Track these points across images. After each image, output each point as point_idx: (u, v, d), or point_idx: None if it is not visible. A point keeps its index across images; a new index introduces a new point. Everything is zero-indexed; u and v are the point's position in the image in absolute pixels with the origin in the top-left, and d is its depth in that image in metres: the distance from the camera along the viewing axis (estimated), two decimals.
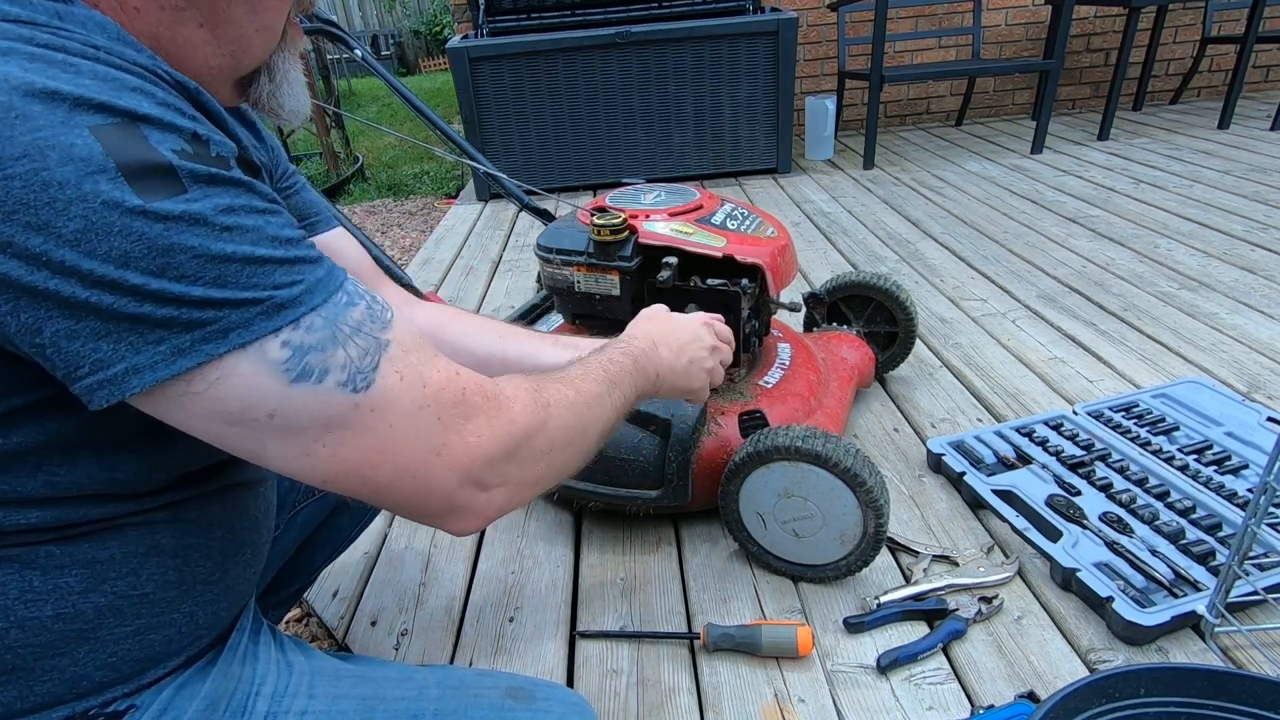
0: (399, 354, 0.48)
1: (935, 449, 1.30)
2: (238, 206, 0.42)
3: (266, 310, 0.42)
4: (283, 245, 0.44)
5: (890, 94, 4.12)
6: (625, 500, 1.14)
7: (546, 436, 0.56)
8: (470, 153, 1.47)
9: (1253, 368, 1.54)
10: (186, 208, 0.39)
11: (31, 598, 0.47)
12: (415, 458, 0.48)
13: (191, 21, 0.47)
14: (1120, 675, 0.71)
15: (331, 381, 0.44)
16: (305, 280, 0.44)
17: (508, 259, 2.59)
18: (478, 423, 0.51)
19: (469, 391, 0.51)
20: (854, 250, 2.40)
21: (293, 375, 0.43)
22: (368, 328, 0.47)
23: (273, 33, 0.52)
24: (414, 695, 0.59)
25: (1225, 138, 3.37)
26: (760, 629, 0.95)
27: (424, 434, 0.48)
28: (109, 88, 0.39)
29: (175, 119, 0.41)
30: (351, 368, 0.45)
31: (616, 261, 1.12)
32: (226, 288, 0.40)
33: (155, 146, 0.39)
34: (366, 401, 0.45)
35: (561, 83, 3.07)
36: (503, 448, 0.52)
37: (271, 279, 0.42)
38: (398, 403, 0.47)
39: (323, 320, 0.44)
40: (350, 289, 0.48)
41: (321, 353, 0.44)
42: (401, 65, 11.03)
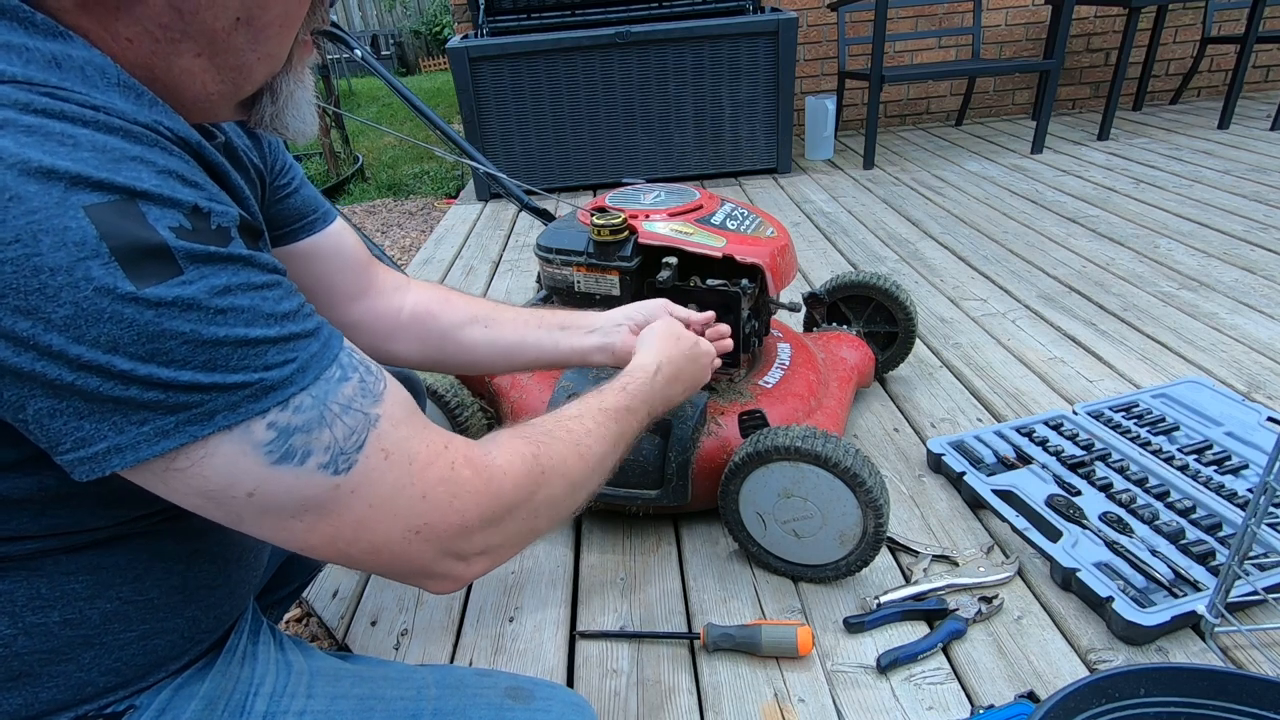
0: (388, 429, 0.47)
1: (935, 449, 1.30)
2: (234, 286, 0.41)
3: (255, 393, 0.42)
4: (278, 322, 0.43)
5: (890, 94, 4.12)
6: (625, 500, 1.14)
7: (533, 507, 0.56)
8: (470, 153, 1.47)
9: (1253, 368, 1.54)
10: (180, 292, 0.39)
11: (39, 604, 0.47)
12: (393, 535, 0.48)
13: (188, 52, 0.45)
14: (1120, 675, 0.71)
15: (313, 464, 0.44)
16: (298, 358, 0.44)
17: (508, 259, 2.59)
18: (463, 499, 0.50)
19: (458, 465, 0.51)
20: (854, 250, 2.40)
21: (275, 457, 0.42)
22: (358, 404, 0.46)
23: (276, 59, 0.50)
24: (413, 695, 0.58)
25: (1225, 138, 3.37)
26: (760, 629, 0.95)
27: (405, 513, 0.48)
28: (107, 160, 0.38)
29: (175, 192, 0.40)
30: (335, 449, 0.45)
31: (616, 261, 1.12)
32: (216, 372, 0.40)
33: (153, 225, 0.38)
34: (347, 483, 0.45)
35: (561, 83, 3.07)
36: (486, 520, 0.52)
37: (263, 360, 0.42)
38: (379, 483, 0.47)
39: (312, 400, 0.44)
40: (345, 360, 0.47)
41: (307, 434, 0.43)
42: (401, 65, 11.02)
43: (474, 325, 0.87)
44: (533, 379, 1.25)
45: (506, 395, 1.26)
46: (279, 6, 0.47)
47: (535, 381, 1.24)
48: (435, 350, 0.87)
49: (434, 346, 0.87)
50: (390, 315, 0.84)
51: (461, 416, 1.22)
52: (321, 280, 0.79)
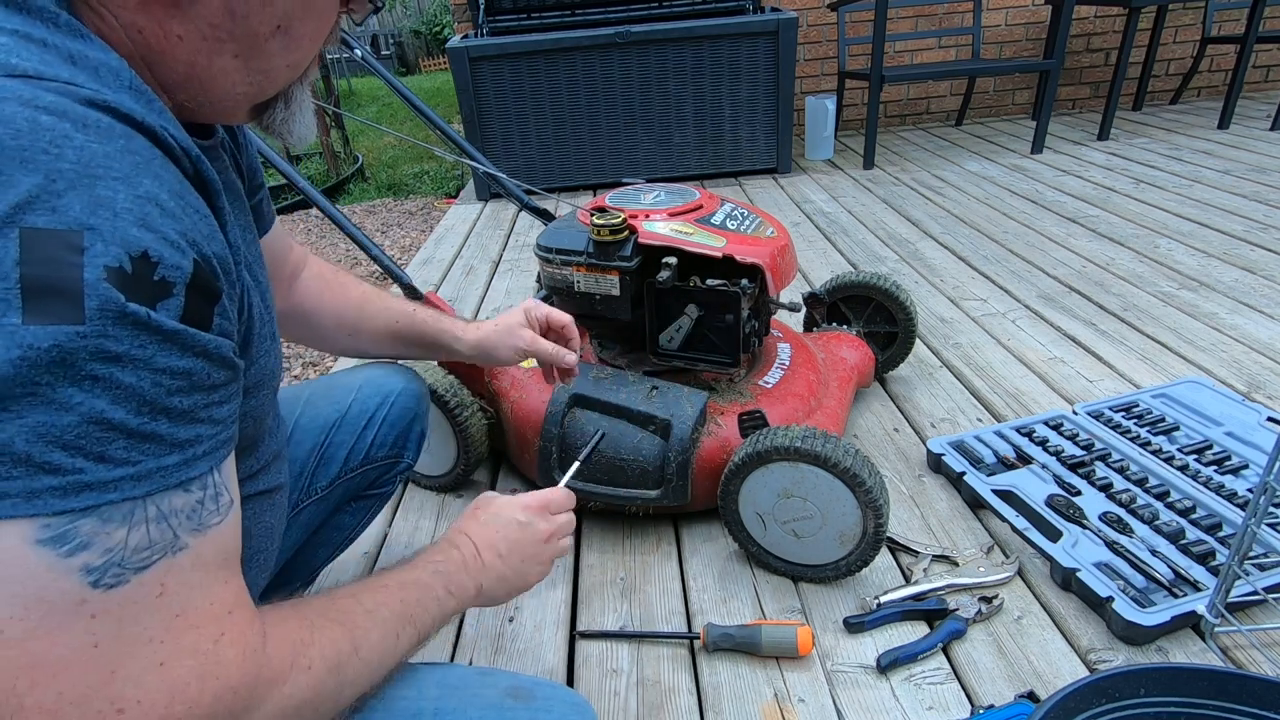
0: (184, 565, 0.40)
1: (935, 449, 1.30)
2: (127, 357, 0.36)
3: (65, 488, 0.35)
4: (150, 415, 0.37)
5: (890, 94, 4.12)
6: (625, 500, 1.14)
7: (281, 710, 0.45)
8: (470, 153, 1.47)
9: (1253, 368, 1.54)
10: (60, 343, 0.34)
11: None
12: (91, 702, 0.37)
13: (228, 52, 0.47)
14: (1120, 675, 0.71)
15: (79, 561, 0.36)
16: (142, 465, 0.37)
17: (508, 259, 2.59)
18: (207, 682, 0.40)
19: (225, 641, 0.42)
20: (854, 250, 2.40)
21: (45, 536, 0.35)
22: (175, 520, 0.39)
23: (299, 68, 0.52)
24: (413, 695, 0.58)
25: (1225, 138, 3.37)
26: (760, 629, 0.95)
27: (123, 676, 0.38)
28: (83, 177, 0.36)
29: (133, 229, 0.36)
30: (115, 557, 0.37)
31: (616, 261, 1.12)
32: (38, 443, 0.34)
33: (84, 262, 0.35)
34: (96, 602, 0.36)
35: (561, 83, 3.07)
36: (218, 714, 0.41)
37: (101, 449, 0.36)
38: (128, 622, 0.38)
39: (122, 511, 0.37)
40: (199, 480, 0.41)
41: (101, 524, 0.36)
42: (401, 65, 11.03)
43: (340, 333, 0.91)
44: (533, 379, 1.25)
45: (506, 395, 1.26)
46: (314, 19, 0.50)
47: (535, 382, 1.24)
48: (311, 340, 0.92)
49: (309, 337, 0.92)
50: (279, 300, 0.86)
51: (461, 416, 1.22)
52: None
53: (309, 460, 0.89)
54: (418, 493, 1.36)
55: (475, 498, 0.75)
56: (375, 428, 0.93)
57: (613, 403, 1.13)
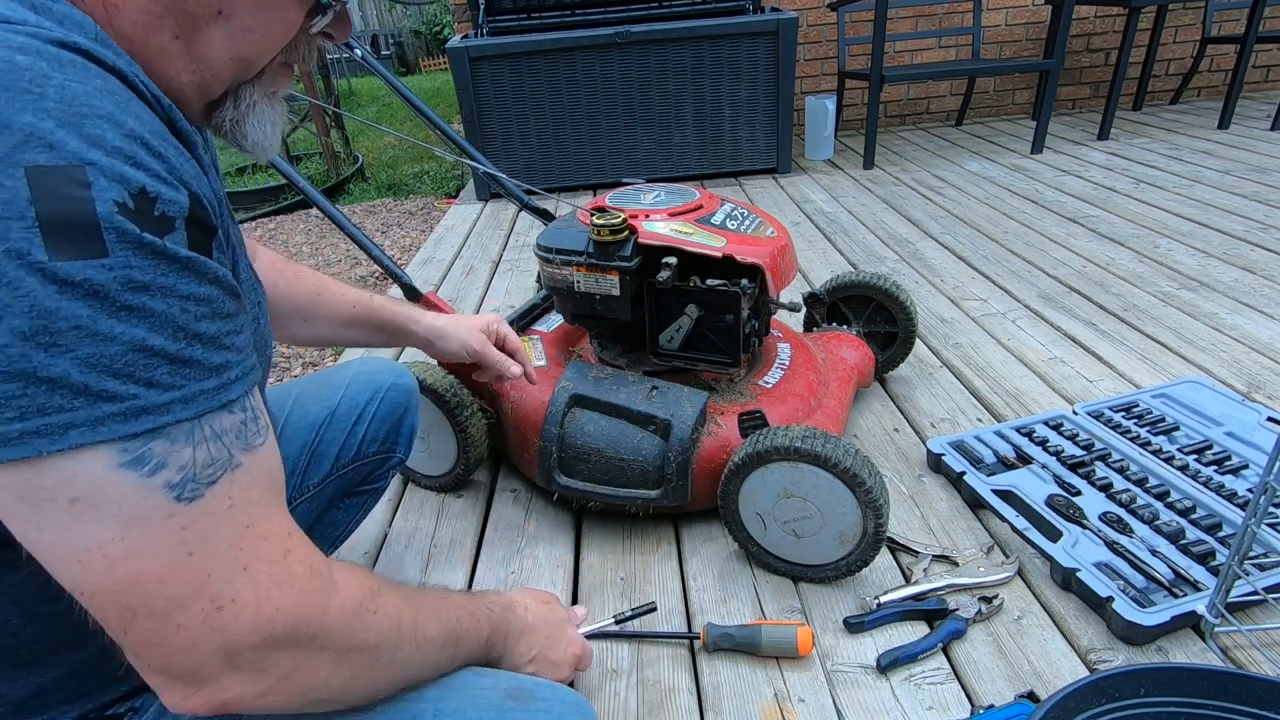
0: (243, 480, 0.43)
1: (935, 449, 1.30)
2: (155, 285, 0.38)
3: (123, 413, 0.37)
4: (186, 340, 0.39)
5: (890, 94, 4.12)
6: (625, 500, 1.14)
7: (346, 645, 0.49)
8: (470, 153, 1.47)
9: (1253, 368, 1.54)
10: (92, 275, 0.36)
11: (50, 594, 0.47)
12: (195, 605, 0.41)
13: (168, 30, 0.45)
14: (1120, 675, 0.71)
15: (161, 479, 0.39)
16: (186, 389, 0.40)
17: (508, 259, 2.59)
18: (284, 594, 0.44)
19: (293, 555, 0.46)
20: (854, 250, 2.40)
21: (126, 459, 0.38)
22: (228, 439, 0.42)
23: (247, 66, 0.50)
24: (413, 696, 0.58)
25: (1225, 138, 3.37)
26: (760, 629, 0.95)
27: (218, 579, 0.42)
28: (72, 115, 0.36)
29: (129, 168, 0.37)
30: (189, 473, 0.40)
31: (616, 261, 1.12)
32: (93, 371, 0.36)
33: (94, 197, 0.36)
34: (182, 514, 0.40)
35: (561, 83, 3.07)
36: (293, 633, 0.45)
37: (149, 374, 0.38)
38: (212, 532, 0.42)
39: (185, 431, 0.40)
40: (238, 402, 0.43)
41: (170, 444, 0.39)
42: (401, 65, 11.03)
43: (295, 319, 0.90)
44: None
45: (506, 395, 1.26)
46: (263, 15, 0.48)
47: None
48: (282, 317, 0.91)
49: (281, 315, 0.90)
50: None
51: (461, 416, 1.22)
52: None
53: (300, 457, 0.89)
54: (418, 493, 1.36)
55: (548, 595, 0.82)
56: (366, 423, 0.93)
57: (613, 403, 1.13)
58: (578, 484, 1.15)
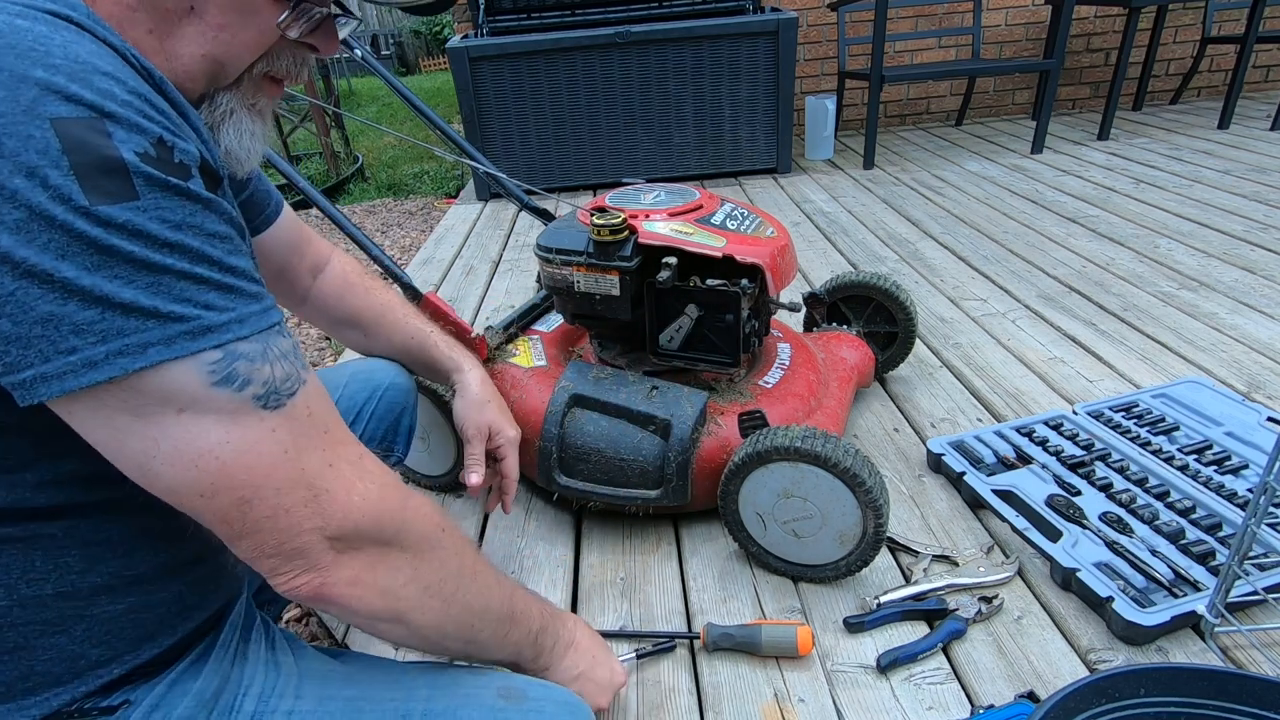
0: (314, 394, 0.49)
1: (935, 449, 1.30)
2: (187, 224, 0.41)
3: (192, 331, 0.42)
4: (224, 271, 0.43)
5: (890, 94, 4.12)
6: (625, 500, 1.14)
7: (419, 555, 0.55)
8: (470, 153, 1.47)
9: (1253, 368, 1.54)
10: (131, 217, 0.39)
11: (34, 576, 0.48)
12: (295, 492, 0.47)
13: (142, 25, 0.46)
14: (1120, 675, 0.71)
15: (249, 393, 0.44)
16: (237, 310, 0.44)
17: (508, 259, 2.59)
18: (366, 488, 0.50)
19: (366, 460, 0.52)
20: (854, 250, 2.40)
21: (216, 378, 0.43)
22: (293, 358, 0.48)
23: (221, 67, 0.50)
24: (403, 696, 0.58)
25: (1225, 138, 3.37)
26: (760, 629, 0.95)
27: (312, 472, 0.48)
28: (81, 71, 0.38)
29: (141, 119, 0.40)
30: (272, 385, 0.45)
31: (616, 261, 1.12)
32: (158, 295, 0.40)
33: (117, 145, 0.38)
34: (273, 419, 0.46)
35: (561, 83, 3.07)
36: (379, 525, 0.51)
37: (204, 298, 0.42)
38: (300, 434, 0.47)
39: (253, 344, 0.45)
40: (282, 327, 0.48)
41: (250, 363, 0.44)
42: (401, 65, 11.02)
43: (354, 330, 0.95)
44: (533, 379, 1.25)
45: (506, 395, 1.26)
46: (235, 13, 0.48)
47: (535, 382, 1.24)
48: (324, 328, 0.96)
49: (323, 325, 0.95)
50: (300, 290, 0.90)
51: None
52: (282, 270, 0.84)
53: None
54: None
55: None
56: (364, 422, 0.94)
57: (613, 403, 1.13)
58: (578, 484, 1.15)
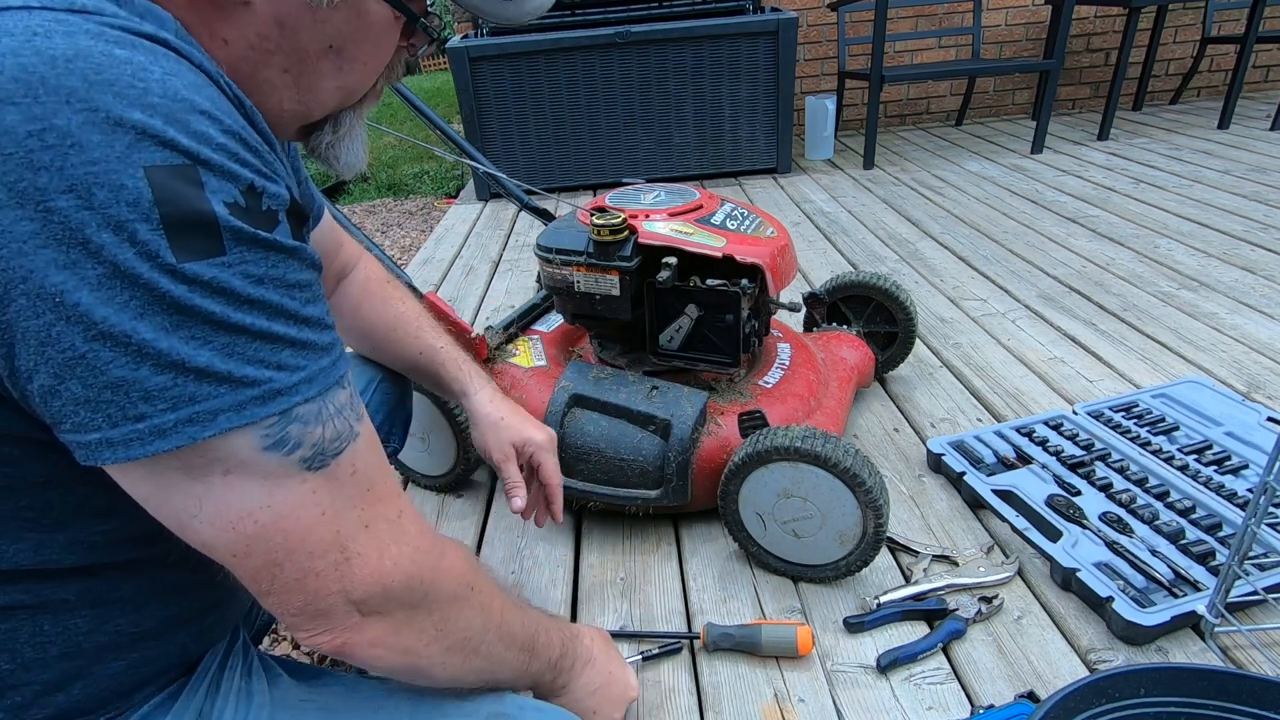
0: (363, 448, 0.47)
1: (935, 449, 1.30)
2: (269, 277, 0.40)
3: (263, 395, 0.41)
4: (300, 325, 0.42)
5: (890, 94, 4.11)
6: (625, 500, 1.14)
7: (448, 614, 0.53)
8: (470, 153, 1.47)
9: (1253, 368, 1.54)
10: (217, 274, 0.38)
11: (40, 640, 0.48)
12: (324, 554, 0.46)
13: (278, 65, 0.46)
14: (1120, 675, 0.71)
15: (297, 456, 0.43)
16: (308, 368, 0.43)
17: (508, 259, 2.59)
18: (400, 550, 0.49)
19: (405, 516, 0.51)
20: (854, 250, 2.40)
21: (268, 443, 0.42)
22: (347, 413, 0.46)
23: (351, 94, 0.52)
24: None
25: (1225, 138, 3.37)
26: (760, 629, 0.95)
27: (346, 534, 0.47)
28: (179, 112, 0.37)
29: (236, 165, 0.39)
30: (320, 447, 0.44)
31: (616, 261, 1.12)
32: (232, 359, 0.39)
33: (209, 197, 0.37)
34: (315, 480, 0.44)
35: (561, 83, 3.07)
36: (409, 588, 0.50)
37: (278, 358, 0.41)
38: (339, 494, 0.46)
39: (313, 404, 0.43)
40: (346, 377, 0.47)
41: (303, 427, 0.43)
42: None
43: (364, 340, 0.93)
44: (533, 379, 1.25)
45: (507, 396, 1.26)
46: (369, 45, 0.49)
47: (535, 382, 1.24)
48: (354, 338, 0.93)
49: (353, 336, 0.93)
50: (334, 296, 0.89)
51: (461, 417, 1.22)
52: None
53: None
54: (418, 493, 1.36)
55: None
56: None
57: (613, 403, 1.13)
58: (578, 484, 1.15)
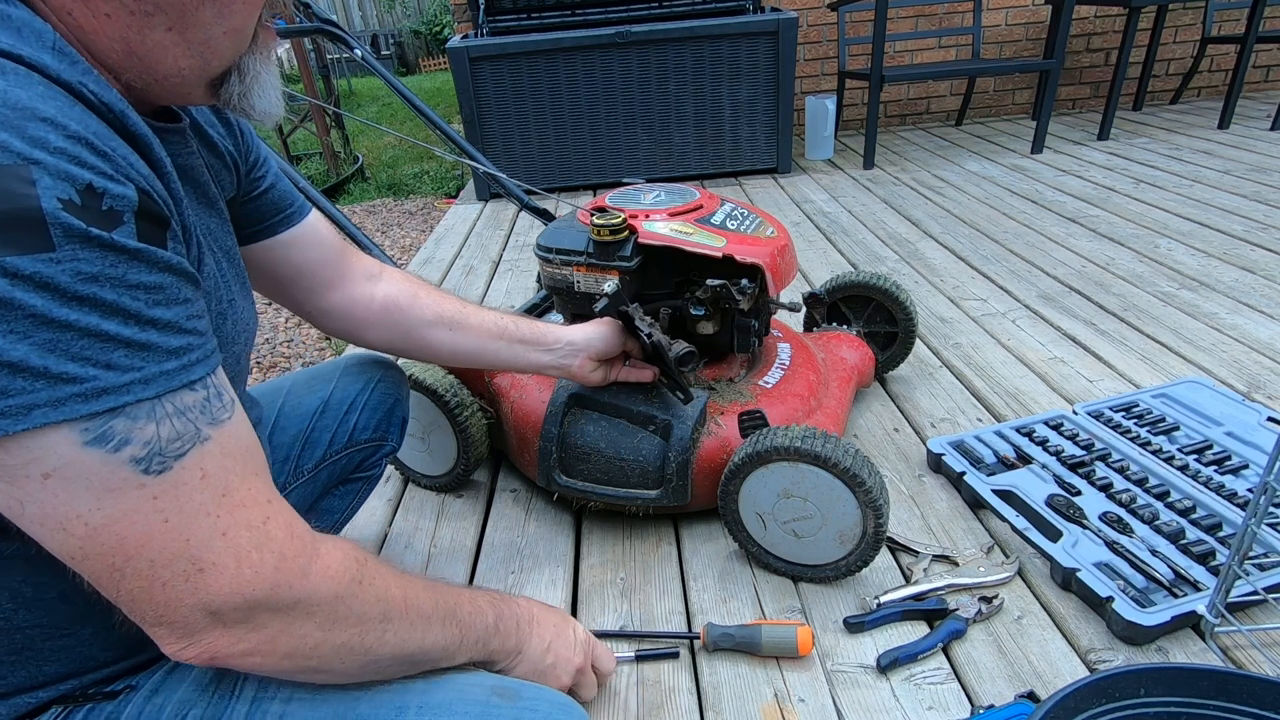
0: (215, 451, 0.45)
1: (935, 449, 1.30)
2: (105, 276, 0.39)
3: (85, 393, 0.39)
4: (141, 326, 0.41)
5: (890, 94, 4.12)
6: (625, 500, 1.14)
7: (332, 616, 0.51)
8: (470, 153, 1.47)
9: (1253, 368, 1.54)
10: (39, 269, 0.37)
11: (39, 581, 0.49)
12: (173, 564, 0.44)
13: (160, 26, 0.46)
14: (1120, 675, 0.71)
15: (126, 454, 0.41)
16: (144, 370, 0.41)
17: (508, 259, 2.59)
18: (264, 558, 0.46)
19: (273, 522, 0.48)
20: (854, 250, 2.40)
21: (89, 437, 0.40)
22: (193, 415, 0.44)
23: (242, 35, 0.51)
24: (399, 690, 0.59)
25: (1225, 138, 3.37)
26: (760, 629, 0.95)
27: (197, 543, 0.44)
28: (16, 118, 0.37)
29: (74, 166, 0.38)
30: (155, 447, 0.42)
31: (616, 261, 1.12)
32: (51, 355, 0.38)
33: (40, 194, 0.37)
34: (155, 485, 0.42)
35: (561, 83, 3.07)
36: (276, 598, 0.47)
37: (106, 357, 0.40)
38: (187, 500, 0.44)
39: (145, 407, 0.42)
40: (198, 380, 0.45)
41: (131, 422, 0.41)
42: (401, 65, 11.02)
43: (439, 327, 0.90)
44: (533, 380, 1.25)
45: (506, 395, 1.26)
46: None
47: (535, 382, 1.24)
48: (401, 342, 0.90)
49: (400, 339, 0.89)
50: (363, 304, 0.86)
51: (461, 416, 1.22)
52: (301, 271, 0.81)
53: (294, 445, 0.90)
54: (418, 493, 1.36)
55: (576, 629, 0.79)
56: (357, 412, 0.95)
57: (612, 403, 1.13)
58: (578, 484, 1.15)
